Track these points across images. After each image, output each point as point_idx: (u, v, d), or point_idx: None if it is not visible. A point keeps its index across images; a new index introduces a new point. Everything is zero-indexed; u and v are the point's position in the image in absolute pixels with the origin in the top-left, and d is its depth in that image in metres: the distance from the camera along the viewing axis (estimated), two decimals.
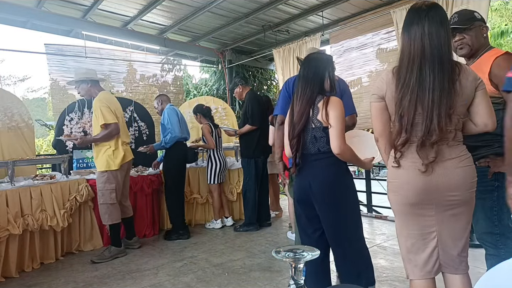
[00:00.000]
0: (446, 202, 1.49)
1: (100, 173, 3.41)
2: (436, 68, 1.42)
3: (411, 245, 1.56)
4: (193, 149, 4.44)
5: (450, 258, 1.55)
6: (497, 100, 1.69)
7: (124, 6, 5.13)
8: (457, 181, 1.47)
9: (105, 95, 3.50)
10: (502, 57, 1.69)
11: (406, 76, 1.46)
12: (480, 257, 3.02)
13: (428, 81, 1.42)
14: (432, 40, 1.43)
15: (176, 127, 4.03)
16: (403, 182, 1.52)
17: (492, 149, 1.72)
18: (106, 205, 3.40)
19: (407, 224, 1.56)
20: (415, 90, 1.43)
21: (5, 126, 4.10)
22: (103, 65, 5.85)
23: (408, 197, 1.50)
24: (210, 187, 4.51)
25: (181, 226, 4.12)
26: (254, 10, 5.30)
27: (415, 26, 1.47)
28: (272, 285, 2.70)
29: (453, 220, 1.52)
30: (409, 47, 1.47)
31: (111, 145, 3.40)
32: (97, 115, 3.36)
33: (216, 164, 4.43)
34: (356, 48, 5.36)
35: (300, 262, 0.93)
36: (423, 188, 1.47)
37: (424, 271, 1.55)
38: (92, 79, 3.48)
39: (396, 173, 1.54)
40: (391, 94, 1.52)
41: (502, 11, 9.51)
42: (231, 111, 6.04)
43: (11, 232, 3.04)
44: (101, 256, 3.41)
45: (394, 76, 1.51)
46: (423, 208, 1.51)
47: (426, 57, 1.43)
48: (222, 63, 7.19)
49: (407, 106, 1.44)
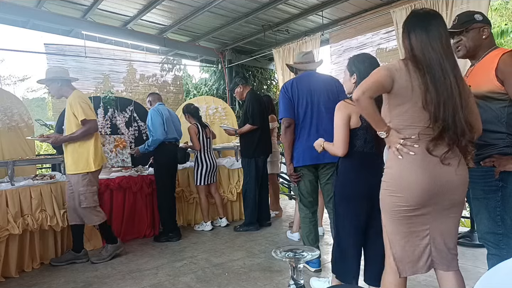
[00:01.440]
0: (445, 201, 1.51)
1: (81, 176, 3.21)
2: (456, 69, 1.47)
3: (405, 243, 1.57)
4: (184, 149, 4.38)
5: (442, 255, 1.57)
6: (503, 96, 1.69)
7: (124, 6, 5.13)
8: (460, 179, 1.50)
9: (80, 92, 3.38)
10: (508, 54, 1.70)
11: (442, 76, 1.45)
12: (480, 257, 3.03)
13: (457, 83, 1.45)
14: (447, 41, 1.48)
15: (158, 130, 3.96)
16: (409, 181, 1.49)
17: (497, 149, 1.72)
18: (90, 208, 3.27)
19: (400, 222, 1.56)
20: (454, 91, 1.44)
21: (5, 126, 4.10)
22: (103, 65, 5.86)
23: (414, 198, 1.49)
24: (197, 188, 4.46)
25: (171, 228, 4.05)
26: (254, 10, 5.30)
27: (433, 26, 1.48)
28: (272, 285, 2.70)
29: (447, 218, 1.55)
30: (433, 46, 1.47)
31: (91, 144, 3.24)
32: (76, 111, 3.17)
33: (203, 165, 4.37)
34: (356, 48, 5.36)
35: (300, 262, 0.93)
36: (428, 189, 1.48)
37: (416, 267, 1.58)
38: (63, 79, 3.31)
39: (399, 172, 1.52)
40: (401, 85, 1.48)
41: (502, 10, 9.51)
42: (231, 111, 6.04)
43: (11, 232, 3.04)
44: (99, 256, 3.37)
45: (412, 70, 1.47)
46: (424, 208, 1.52)
47: (448, 57, 1.46)
48: (222, 63, 7.19)
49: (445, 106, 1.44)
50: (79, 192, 3.22)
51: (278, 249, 0.99)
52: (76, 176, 3.23)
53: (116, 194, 3.99)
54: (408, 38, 1.53)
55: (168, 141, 4.10)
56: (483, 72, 1.77)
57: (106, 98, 5.11)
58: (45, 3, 4.90)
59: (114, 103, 5.16)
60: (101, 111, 5.02)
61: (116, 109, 5.19)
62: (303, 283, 0.95)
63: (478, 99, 1.74)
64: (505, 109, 1.70)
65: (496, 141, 1.72)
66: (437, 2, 4.01)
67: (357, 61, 2.03)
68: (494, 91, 1.70)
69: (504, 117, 1.71)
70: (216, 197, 4.60)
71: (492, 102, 1.72)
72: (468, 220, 4.54)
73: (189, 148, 4.50)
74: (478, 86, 1.75)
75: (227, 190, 4.91)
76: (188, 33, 6.29)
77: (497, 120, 1.71)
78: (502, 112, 1.71)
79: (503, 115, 1.71)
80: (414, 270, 1.58)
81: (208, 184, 4.46)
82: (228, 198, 4.86)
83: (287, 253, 0.97)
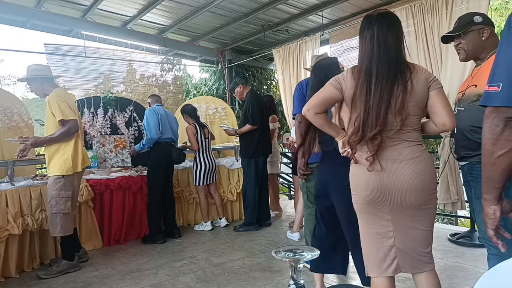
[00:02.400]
0: (398, 203, 1.52)
1: (56, 179, 3.03)
2: (383, 69, 1.50)
3: (369, 243, 1.60)
4: (180, 149, 4.35)
5: (407, 258, 1.57)
6: None
7: (123, 6, 5.13)
8: (409, 182, 1.49)
9: (62, 90, 3.24)
10: None
11: (360, 76, 1.53)
12: (480, 257, 3.03)
13: (374, 82, 1.50)
14: (379, 43, 1.52)
15: (152, 129, 3.98)
16: (359, 181, 1.57)
17: None
18: (60, 215, 3.02)
19: (366, 222, 1.60)
20: (365, 90, 1.51)
21: (5, 126, 4.10)
22: (103, 65, 5.86)
23: (364, 196, 1.55)
24: (197, 189, 4.47)
25: (156, 231, 4.00)
26: (254, 10, 5.30)
27: (365, 31, 1.57)
28: (272, 285, 2.70)
29: (409, 221, 1.54)
30: (362, 50, 1.57)
31: (69, 146, 3.06)
32: (54, 111, 3.00)
33: (201, 166, 4.37)
34: (355, 48, 5.36)
35: (300, 262, 0.93)
36: (376, 187, 1.52)
37: (380, 269, 1.58)
38: (44, 77, 3.15)
39: (354, 171, 1.61)
40: (349, 91, 1.56)
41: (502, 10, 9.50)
42: (231, 111, 6.04)
43: (11, 232, 3.04)
44: (48, 272, 3.05)
45: (353, 76, 1.56)
46: (378, 207, 1.54)
47: (374, 59, 1.51)
48: (222, 63, 7.19)
49: (362, 104, 1.51)
50: (51, 196, 3.04)
51: (278, 249, 0.99)
52: (51, 178, 3.06)
53: (116, 194, 3.99)
54: (359, 44, 1.62)
55: (163, 141, 4.10)
56: (488, 72, 1.77)
57: (106, 98, 5.11)
58: (44, 3, 4.89)
59: (114, 103, 5.16)
60: (101, 111, 5.02)
61: (116, 109, 5.18)
62: (303, 283, 0.95)
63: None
64: None
65: None
66: (437, 2, 4.01)
67: (316, 67, 2.18)
68: None
69: None
70: (216, 197, 4.60)
71: None
72: (468, 220, 4.54)
73: (188, 148, 4.49)
74: (483, 86, 1.75)
75: (227, 190, 4.91)
76: (188, 33, 6.29)
77: None
78: None
79: None
80: (379, 271, 1.59)
81: (207, 184, 4.45)
82: (228, 198, 4.86)
83: (287, 253, 0.97)
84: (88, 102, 4.97)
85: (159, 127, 4.04)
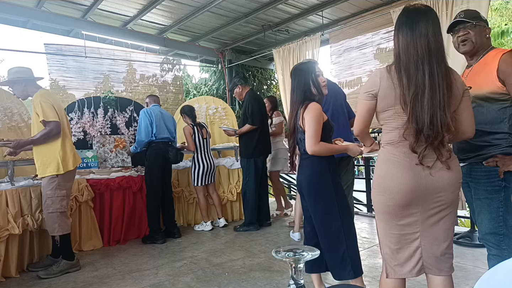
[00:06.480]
0: (432, 203, 1.49)
1: (50, 178, 3.03)
2: (441, 67, 1.42)
3: (394, 245, 1.56)
4: (177, 149, 4.34)
5: (433, 259, 1.55)
6: (504, 97, 1.69)
7: (124, 6, 5.13)
8: (445, 182, 1.47)
9: (46, 91, 3.20)
10: (508, 54, 1.70)
11: (416, 74, 1.42)
12: (480, 257, 3.03)
13: (437, 80, 1.41)
14: (435, 38, 1.43)
15: (143, 132, 4.02)
16: (396, 182, 1.49)
17: (499, 149, 1.71)
18: (56, 214, 3.03)
19: (390, 224, 1.56)
20: (427, 88, 1.41)
21: (5, 126, 4.10)
22: (103, 65, 5.85)
23: (399, 198, 1.49)
24: (195, 189, 4.47)
25: (156, 231, 4.00)
26: (254, 10, 5.30)
27: (419, 24, 1.43)
28: (272, 285, 2.70)
29: (437, 221, 1.52)
30: (415, 44, 1.43)
31: (56, 146, 3.04)
32: (38, 111, 2.97)
33: (199, 166, 4.36)
34: (355, 48, 5.36)
35: (300, 262, 0.93)
36: (412, 190, 1.47)
37: (404, 270, 1.56)
38: (27, 78, 3.09)
39: (388, 171, 1.53)
40: (385, 91, 1.49)
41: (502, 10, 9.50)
42: (231, 111, 6.04)
43: (11, 232, 3.03)
44: (48, 272, 3.05)
45: (394, 74, 1.48)
46: (410, 208, 1.51)
47: (433, 55, 1.42)
48: (222, 63, 7.19)
49: (419, 104, 1.42)
50: (46, 196, 3.04)
51: (278, 249, 0.99)
52: (45, 179, 3.05)
53: (116, 194, 3.99)
54: (396, 37, 1.51)
55: (160, 141, 4.10)
56: (484, 73, 1.76)
57: (106, 98, 5.11)
58: (45, 3, 4.89)
59: (114, 103, 5.16)
60: (101, 111, 5.03)
61: (116, 109, 5.19)
62: (303, 283, 0.95)
63: (479, 100, 1.74)
64: (507, 110, 1.70)
65: (499, 141, 1.72)
66: (437, 2, 4.00)
67: (295, 70, 2.20)
68: (495, 92, 1.70)
69: (507, 117, 1.71)
70: (214, 197, 4.59)
71: (494, 103, 1.72)
72: (468, 220, 4.54)
73: (185, 149, 4.49)
74: (479, 87, 1.74)
75: (227, 190, 4.91)
76: (188, 33, 6.29)
77: (499, 121, 1.71)
78: (504, 113, 1.71)
79: (505, 115, 1.71)
80: (401, 273, 1.56)
81: (205, 184, 4.45)
82: (228, 198, 4.86)
83: (287, 253, 0.97)
84: (88, 102, 4.97)
85: (152, 128, 4.05)
